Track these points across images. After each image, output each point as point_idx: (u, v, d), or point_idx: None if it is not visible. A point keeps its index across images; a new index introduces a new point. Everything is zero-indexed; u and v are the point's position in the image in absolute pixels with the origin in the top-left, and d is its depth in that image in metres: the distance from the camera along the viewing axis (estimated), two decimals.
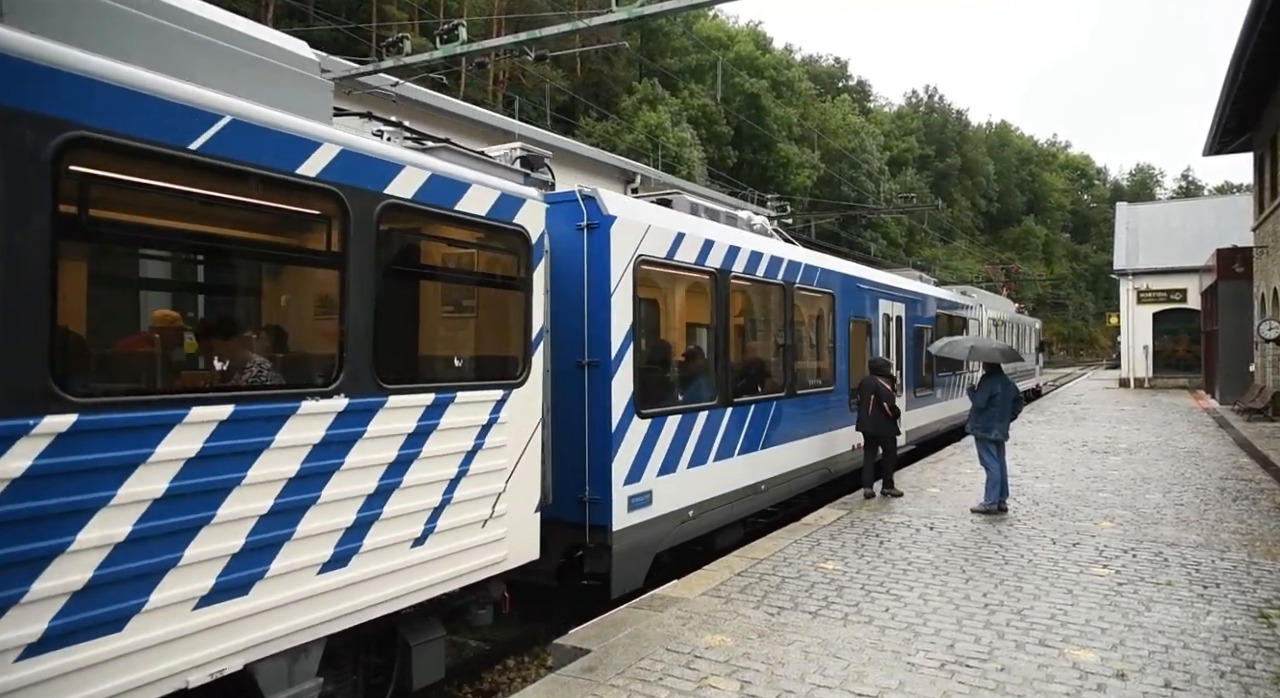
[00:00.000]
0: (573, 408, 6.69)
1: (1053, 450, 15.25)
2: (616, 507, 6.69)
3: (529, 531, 5.73)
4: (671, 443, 7.49)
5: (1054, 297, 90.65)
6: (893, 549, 7.91)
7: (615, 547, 6.66)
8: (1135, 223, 40.01)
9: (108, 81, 3.37)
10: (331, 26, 32.65)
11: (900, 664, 5.08)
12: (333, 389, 4.31)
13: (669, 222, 7.75)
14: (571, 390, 6.69)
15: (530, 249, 5.77)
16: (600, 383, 6.68)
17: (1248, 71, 18.42)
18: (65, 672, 3.18)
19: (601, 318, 6.69)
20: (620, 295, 6.81)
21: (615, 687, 4.74)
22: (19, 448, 3.05)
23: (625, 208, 7.06)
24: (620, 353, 6.76)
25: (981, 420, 9.82)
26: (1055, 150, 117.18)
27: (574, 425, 6.68)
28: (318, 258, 4.70)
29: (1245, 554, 7.73)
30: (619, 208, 6.94)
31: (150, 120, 3.51)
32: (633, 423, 6.92)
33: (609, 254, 6.72)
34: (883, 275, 14.30)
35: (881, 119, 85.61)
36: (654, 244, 7.34)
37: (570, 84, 47.30)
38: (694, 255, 7.99)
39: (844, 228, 56.38)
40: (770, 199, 30.59)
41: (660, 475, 7.31)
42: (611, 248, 6.73)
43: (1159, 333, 37.18)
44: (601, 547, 6.68)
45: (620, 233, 6.84)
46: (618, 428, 6.71)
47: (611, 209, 6.82)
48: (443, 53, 11.40)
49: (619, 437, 6.72)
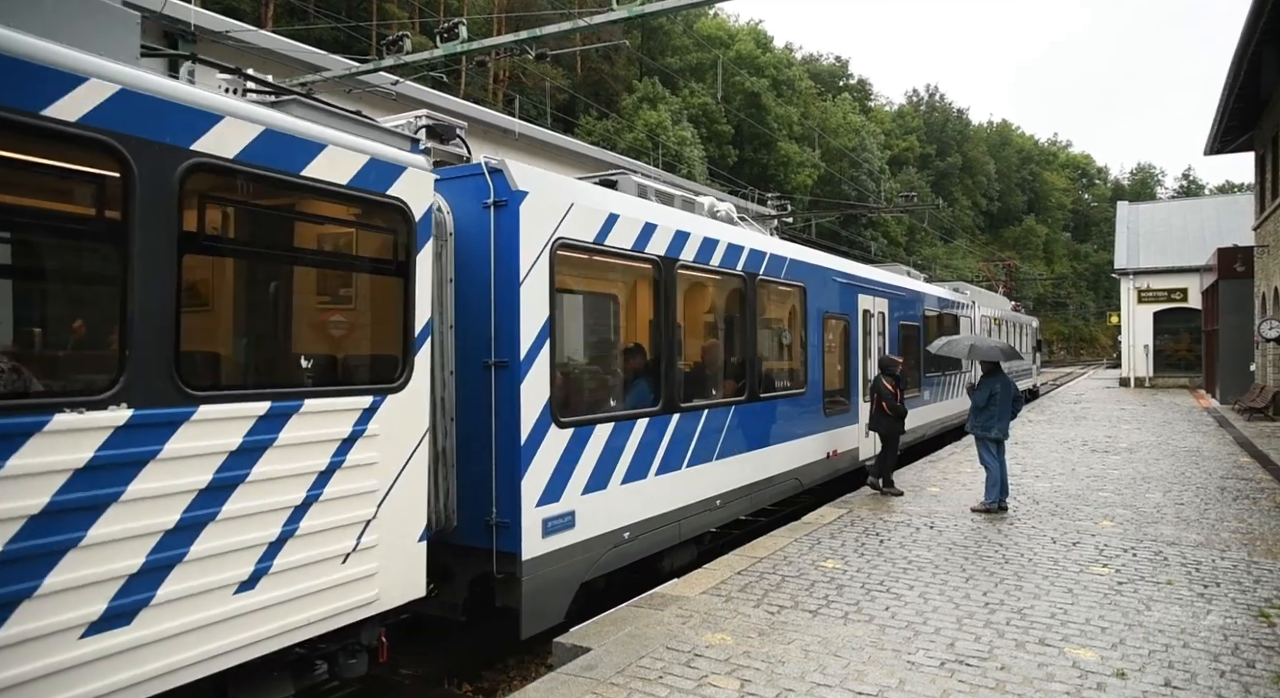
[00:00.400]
0: (481, 416, 5.79)
1: (1053, 450, 15.25)
2: (527, 531, 5.74)
3: (411, 563, 4.87)
4: (601, 456, 6.55)
5: (1055, 296, 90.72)
6: (893, 548, 7.91)
7: (525, 578, 5.71)
8: (1136, 222, 39.99)
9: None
10: (332, 25, 32.62)
11: (900, 663, 5.08)
12: (107, 397, 3.40)
13: (599, 201, 6.78)
14: (480, 396, 5.79)
15: (413, 228, 4.88)
16: (508, 387, 5.73)
17: (1249, 71, 18.42)
18: None
19: (509, 311, 5.74)
20: (533, 285, 5.87)
21: (615, 685, 4.74)
22: None
23: (540, 183, 6.09)
24: (532, 352, 5.82)
25: (981, 419, 9.82)
26: (1056, 149, 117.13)
27: (482, 437, 5.78)
28: (88, 228, 3.79)
29: (1245, 553, 7.73)
30: (532, 182, 5.96)
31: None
32: (549, 434, 5.96)
33: (518, 236, 5.74)
34: (863, 268, 13.40)
35: (882, 118, 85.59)
36: (578, 226, 6.36)
37: (571, 83, 47.29)
38: (630, 240, 7.01)
39: (845, 227, 56.37)
40: (771, 198, 30.54)
41: (587, 494, 6.37)
42: (521, 229, 5.76)
43: (1160, 332, 37.17)
44: (510, 578, 5.75)
45: (533, 211, 5.87)
46: (529, 440, 5.78)
47: (522, 183, 5.84)
48: (443, 51, 11.39)
49: (530, 450, 5.79)
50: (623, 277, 7.56)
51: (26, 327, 3.78)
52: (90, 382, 3.52)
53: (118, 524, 3.43)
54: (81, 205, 3.85)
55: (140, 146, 3.54)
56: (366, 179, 4.63)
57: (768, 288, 9.56)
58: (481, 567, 5.78)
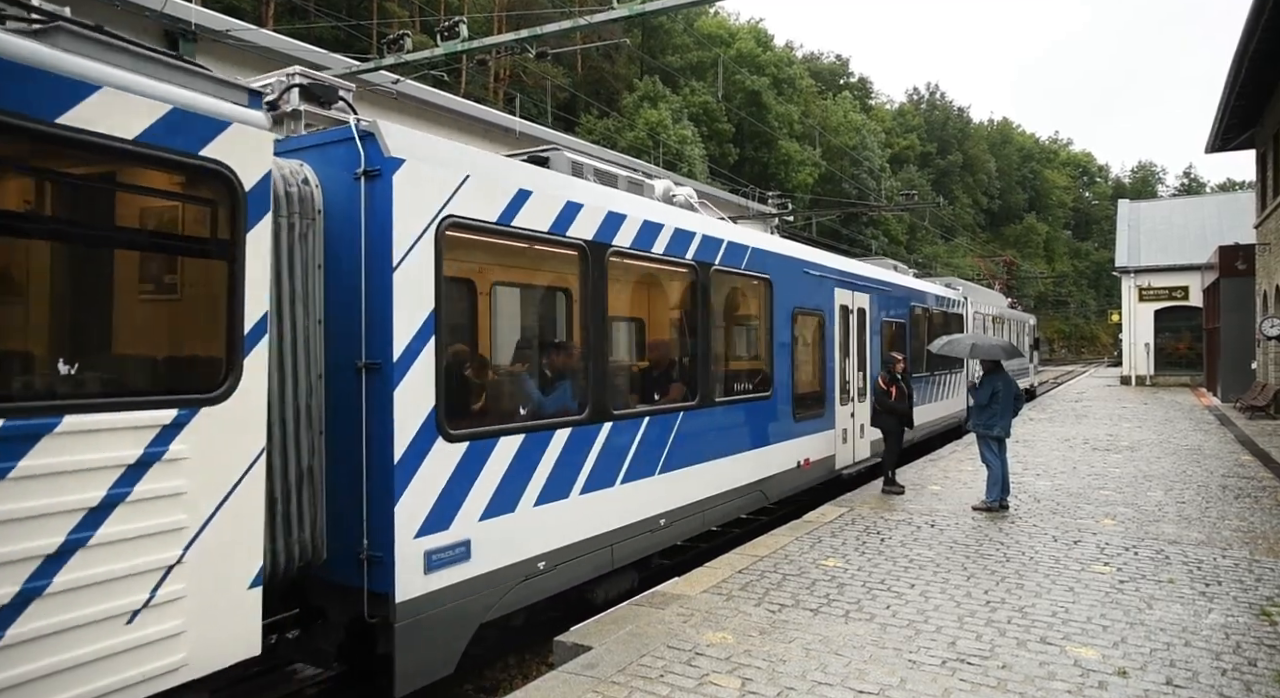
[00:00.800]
0: (353, 429, 4.90)
1: (1054, 448, 15.24)
2: (403, 567, 4.85)
3: (238, 615, 3.98)
4: (508, 474, 5.62)
5: (1056, 294, 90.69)
6: (894, 547, 7.91)
7: (401, 624, 4.82)
8: (1137, 220, 39.98)
9: None
10: (332, 24, 32.62)
11: (902, 662, 5.08)
12: None
13: (505, 174, 5.84)
14: (352, 404, 4.90)
15: (240, 200, 3.97)
16: (379, 394, 4.84)
17: (1250, 69, 18.39)
18: None
19: (380, 303, 4.86)
20: (412, 271, 4.96)
21: (616, 684, 4.74)
22: None
23: (424, 149, 5.20)
24: (411, 352, 4.93)
25: (983, 418, 9.83)
26: (1057, 147, 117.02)
27: (354, 453, 4.89)
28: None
29: (1247, 552, 7.72)
30: (413, 148, 5.07)
31: None
32: (435, 449, 5.06)
33: (391, 212, 4.84)
34: (842, 261, 12.46)
35: (883, 116, 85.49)
36: (476, 202, 5.44)
37: (571, 81, 47.27)
38: (548, 221, 6.08)
39: (845, 225, 56.37)
40: (772, 197, 30.56)
41: (488, 519, 5.47)
42: (396, 203, 4.86)
43: (1161, 330, 37.16)
44: (383, 623, 4.86)
45: (412, 183, 4.98)
46: (406, 456, 4.87)
47: (398, 149, 4.95)
48: (444, 50, 11.39)
49: (408, 469, 4.89)
50: (539, 264, 6.62)
51: None
52: None
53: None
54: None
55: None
56: (167, 134, 3.67)
57: (725, 280, 8.67)
58: (355, 609, 4.89)
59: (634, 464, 6.97)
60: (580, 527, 6.36)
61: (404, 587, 4.85)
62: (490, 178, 5.65)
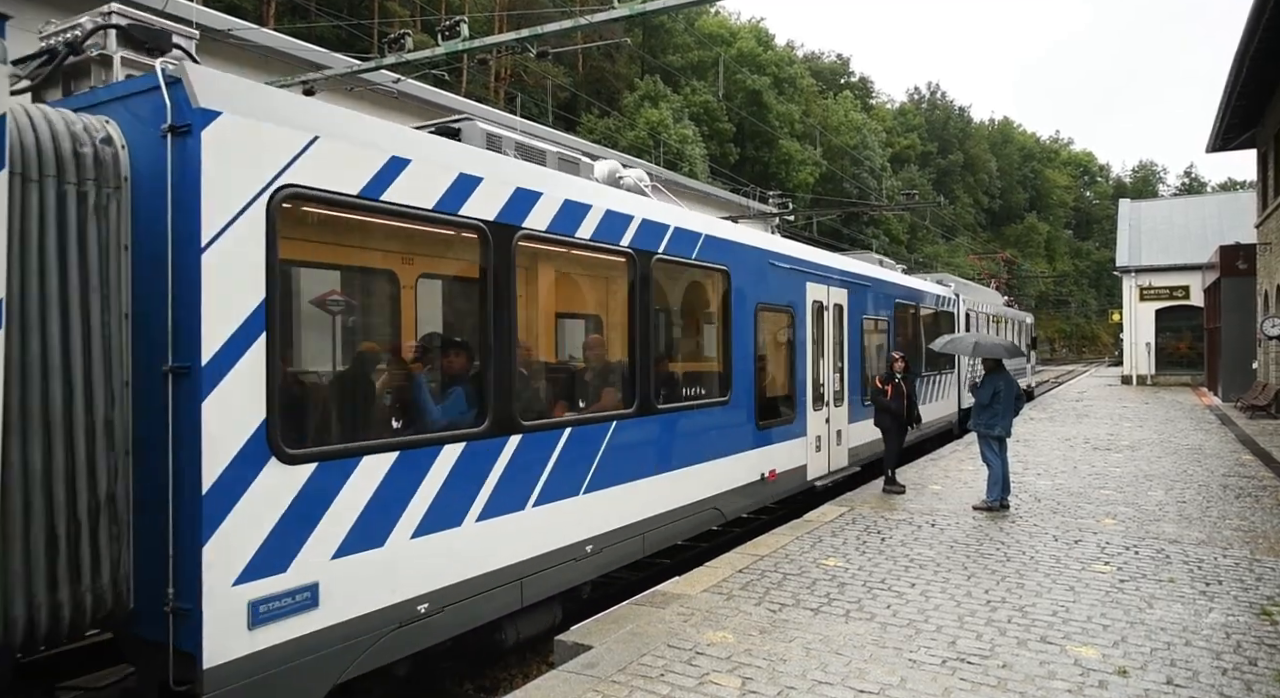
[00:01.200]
0: (161, 448, 3.96)
1: (1055, 448, 15.24)
2: (215, 621, 3.87)
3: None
4: (375, 500, 4.65)
5: (1056, 294, 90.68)
6: (894, 546, 7.92)
7: (211, 694, 3.85)
8: (1138, 220, 39.96)
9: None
10: (334, 23, 32.63)
11: (902, 661, 5.08)
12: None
13: (373, 137, 4.83)
14: (162, 418, 3.97)
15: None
16: (186, 405, 3.89)
17: (1251, 69, 18.38)
18: None
19: (187, 292, 3.90)
20: (230, 254, 3.98)
21: (617, 683, 4.74)
22: None
23: (250, 101, 4.17)
24: (229, 353, 3.97)
25: (985, 417, 9.83)
26: (1058, 147, 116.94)
27: (162, 477, 3.96)
28: None
29: (1247, 551, 7.72)
30: (232, 98, 4.06)
31: None
32: (265, 473, 4.10)
33: (199, 179, 3.87)
34: (815, 252, 11.39)
35: (884, 115, 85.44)
36: (327, 169, 4.45)
37: (572, 81, 47.27)
38: (432, 196, 5.08)
39: (846, 225, 56.35)
40: (773, 196, 30.55)
41: (345, 555, 4.49)
42: (206, 167, 3.88)
43: (1161, 330, 37.15)
44: (191, 693, 3.86)
45: (230, 142, 3.99)
46: (221, 483, 3.92)
47: (211, 99, 3.95)
48: (445, 50, 11.39)
49: (223, 498, 3.93)
50: (421, 247, 5.75)
51: None
52: None
53: None
54: None
55: None
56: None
57: (671, 270, 7.72)
58: (162, 672, 3.92)
59: (551, 483, 5.99)
60: (478, 560, 5.37)
61: (216, 646, 3.85)
62: (350, 140, 4.64)
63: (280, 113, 4.32)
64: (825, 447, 11.05)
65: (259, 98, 4.27)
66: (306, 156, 4.36)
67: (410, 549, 4.88)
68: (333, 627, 4.42)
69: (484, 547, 5.42)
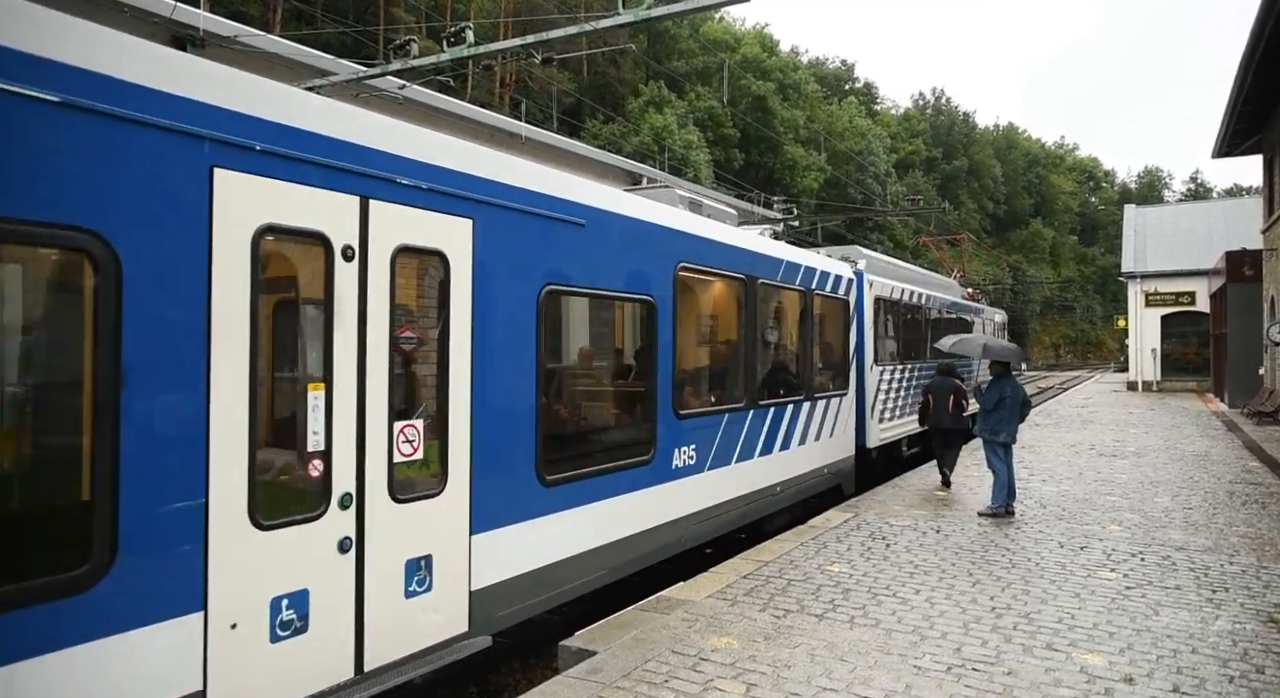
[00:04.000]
0: None
1: (1060, 454, 15.19)
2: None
3: None
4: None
5: (1062, 299, 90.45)
6: (899, 552, 7.89)
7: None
8: (1143, 225, 39.84)
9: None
10: (339, 29, 32.76)
11: (907, 668, 5.07)
12: None
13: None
14: None
15: None
16: None
17: (1257, 73, 18.35)
18: None
19: None
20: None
21: (621, 688, 4.73)
22: None
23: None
24: None
25: (990, 423, 9.81)
26: (1063, 153, 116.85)
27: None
28: None
29: (1254, 558, 7.68)
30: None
31: None
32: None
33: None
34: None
35: (888, 121, 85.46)
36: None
37: (577, 86, 47.38)
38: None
39: (850, 230, 56.33)
40: (777, 201, 30.57)
41: None
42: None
43: (1167, 336, 37.00)
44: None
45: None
46: None
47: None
48: (450, 55, 11.42)
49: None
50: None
51: None
52: None
53: None
54: None
55: None
56: None
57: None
58: None
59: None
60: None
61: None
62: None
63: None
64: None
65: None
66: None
67: None
68: None
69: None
